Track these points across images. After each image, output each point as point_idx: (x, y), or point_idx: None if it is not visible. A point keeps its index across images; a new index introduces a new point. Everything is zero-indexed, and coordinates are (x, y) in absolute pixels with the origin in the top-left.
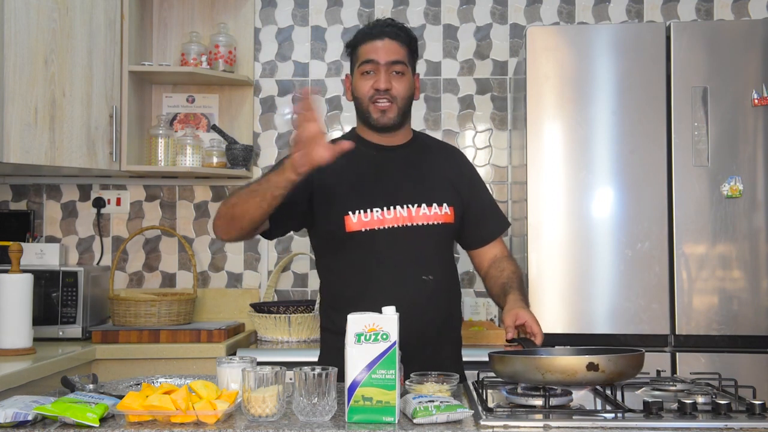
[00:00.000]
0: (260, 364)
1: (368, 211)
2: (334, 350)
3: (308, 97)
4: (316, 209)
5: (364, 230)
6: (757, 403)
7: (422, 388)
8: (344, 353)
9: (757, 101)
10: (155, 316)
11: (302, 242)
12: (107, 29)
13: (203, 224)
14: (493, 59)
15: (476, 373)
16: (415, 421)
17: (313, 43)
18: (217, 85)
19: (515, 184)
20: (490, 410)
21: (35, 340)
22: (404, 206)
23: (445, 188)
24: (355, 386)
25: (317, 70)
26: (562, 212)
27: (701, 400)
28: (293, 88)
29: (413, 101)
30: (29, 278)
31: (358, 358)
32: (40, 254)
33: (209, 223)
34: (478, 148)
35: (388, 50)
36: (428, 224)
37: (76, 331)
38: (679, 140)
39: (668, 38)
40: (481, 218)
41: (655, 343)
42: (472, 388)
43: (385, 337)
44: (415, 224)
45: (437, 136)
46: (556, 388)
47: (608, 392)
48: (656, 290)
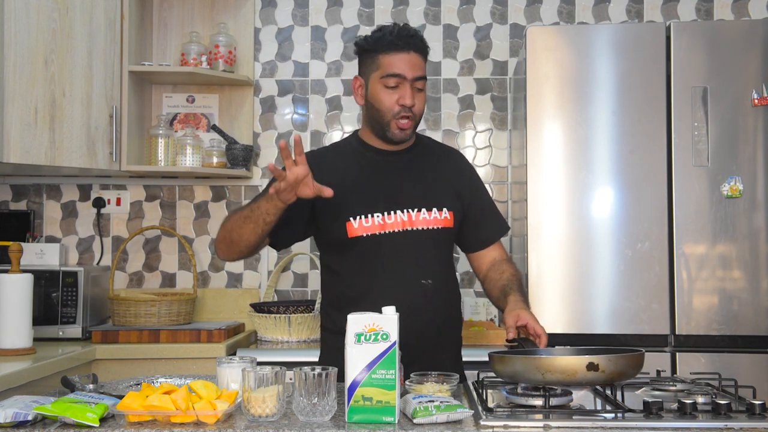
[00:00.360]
0: (260, 364)
1: (369, 216)
2: (334, 350)
3: (299, 144)
4: (319, 216)
5: (365, 235)
6: (757, 403)
7: (422, 388)
8: (344, 353)
9: (757, 101)
10: (155, 316)
11: (302, 242)
12: (107, 29)
13: (203, 224)
14: (493, 59)
15: (476, 373)
16: (415, 421)
17: (313, 43)
18: (217, 85)
19: (515, 184)
20: (490, 410)
21: (35, 340)
22: (404, 211)
23: (445, 192)
24: (355, 386)
25: (317, 70)
26: (562, 212)
27: (701, 400)
28: (293, 88)
29: None
30: (29, 278)
31: (358, 358)
32: (40, 254)
33: (209, 223)
34: (478, 148)
35: (414, 65)
36: (428, 228)
37: (76, 331)
38: (679, 140)
39: (668, 38)
40: (480, 221)
41: (655, 343)
42: (472, 388)
43: (385, 337)
44: (415, 228)
45: (437, 135)
46: (556, 388)
47: (608, 392)
48: (656, 290)
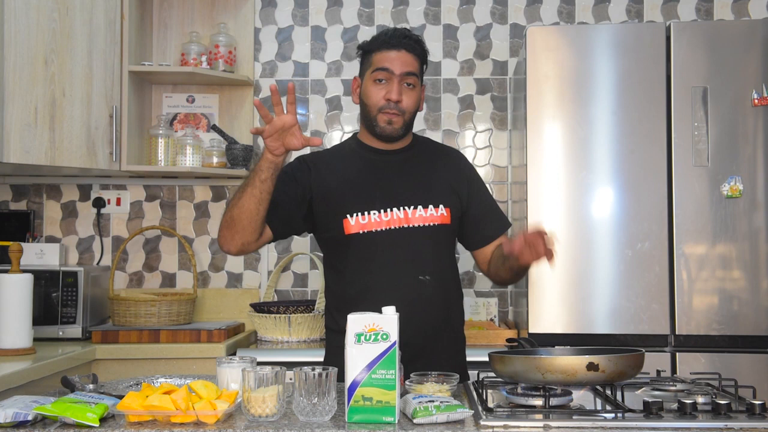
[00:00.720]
0: (260, 364)
1: (366, 213)
2: (338, 350)
3: (293, 92)
4: (316, 213)
5: (362, 232)
6: (757, 403)
7: (422, 388)
8: (344, 353)
9: (757, 101)
10: (155, 316)
11: (302, 242)
12: (107, 29)
13: (203, 224)
14: (493, 59)
15: (476, 373)
16: (415, 421)
17: (313, 43)
18: (217, 85)
19: (515, 184)
20: (490, 410)
21: (35, 340)
22: (401, 208)
23: (442, 190)
24: (355, 386)
25: (317, 70)
26: (562, 212)
27: (701, 400)
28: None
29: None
30: (29, 278)
31: (358, 358)
32: (40, 254)
33: (209, 223)
34: (478, 148)
35: (403, 62)
36: (424, 225)
37: (76, 331)
38: (679, 140)
39: (668, 38)
40: (481, 219)
41: (655, 343)
42: (472, 388)
43: (385, 337)
44: (411, 225)
45: (437, 135)
46: (556, 388)
47: (608, 392)
48: (656, 290)
